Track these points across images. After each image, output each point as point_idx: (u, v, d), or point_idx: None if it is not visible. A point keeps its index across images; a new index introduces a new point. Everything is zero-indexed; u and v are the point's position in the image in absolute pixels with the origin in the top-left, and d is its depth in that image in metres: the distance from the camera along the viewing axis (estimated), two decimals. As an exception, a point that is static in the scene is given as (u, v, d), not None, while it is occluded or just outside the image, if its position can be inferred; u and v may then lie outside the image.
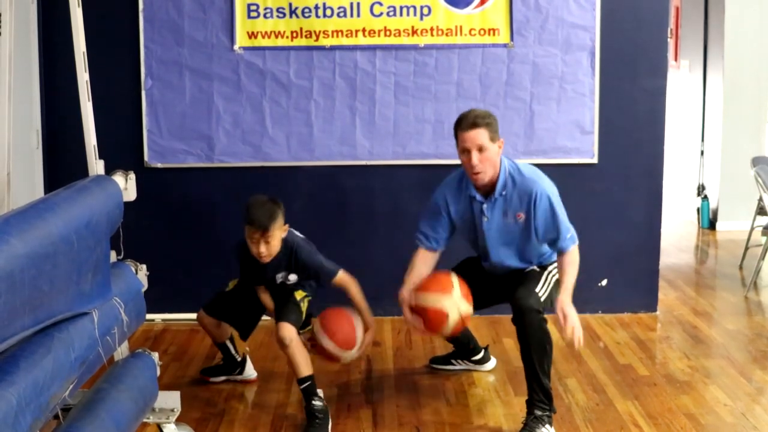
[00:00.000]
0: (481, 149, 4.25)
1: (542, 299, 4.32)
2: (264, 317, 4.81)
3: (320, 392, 4.49)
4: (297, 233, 4.61)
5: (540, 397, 4.26)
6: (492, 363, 5.12)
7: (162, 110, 5.86)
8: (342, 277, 4.55)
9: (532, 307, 4.24)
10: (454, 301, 4.24)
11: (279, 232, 4.39)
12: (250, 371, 4.97)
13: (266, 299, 4.67)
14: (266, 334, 5.56)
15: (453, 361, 5.11)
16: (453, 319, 4.24)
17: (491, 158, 4.28)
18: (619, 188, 6.04)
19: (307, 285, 4.67)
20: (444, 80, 5.86)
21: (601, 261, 6.06)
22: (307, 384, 4.40)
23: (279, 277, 4.56)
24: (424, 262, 4.54)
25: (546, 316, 4.30)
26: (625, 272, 6.12)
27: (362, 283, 5.91)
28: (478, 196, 4.42)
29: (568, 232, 4.36)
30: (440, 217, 4.52)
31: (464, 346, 5.04)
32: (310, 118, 5.89)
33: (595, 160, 5.95)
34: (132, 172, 4.12)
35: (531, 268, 4.48)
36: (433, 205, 4.56)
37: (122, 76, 5.84)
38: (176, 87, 5.85)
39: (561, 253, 4.37)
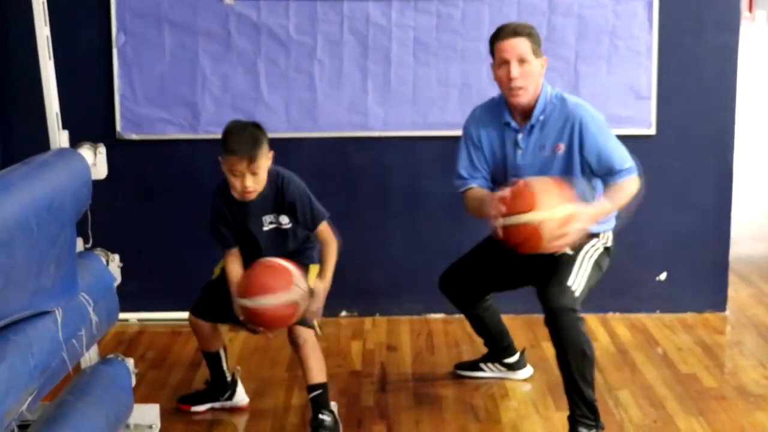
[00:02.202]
0: (522, 61, 4.32)
1: (577, 294, 4.30)
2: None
3: (334, 405, 4.50)
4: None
5: (583, 412, 4.26)
6: (528, 371, 5.13)
7: (137, 72, 5.86)
8: (326, 228, 4.50)
9: (566, 306, 4.23)
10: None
11: (265, 160, 4.35)
12: (242, 396, 4.83)
13: (234, 269, 4.47)
14: (260, 336, 5.58)
15: (482, 366, 5.13)
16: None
17: (533, 74, 4.35)
18: (682, 165, 6.02)
19: (313, 246, 4.61)
20: (472, 36, 5.84)
21: (659, 251, 6.05)
22: (318, 393, 4.41)
23: (267, 220, 4.47)
24: (481, 193, 4.53)
25: (585, 315, 4.29)
26: (689, 264, 6.11)
27: (376, 275, 5.96)
28: (513, 123, 4.45)
29: (626, 162, 4.38)
30: (478, 150, 4.56)
31: (497, 342, 5.05)
32: (313, 82, 5.89)
33: (652, 131, 5.94)
34: (102, 144, 4.13)
35: (563, 251, 4.44)
36: (466, 137, 4.61)
37: (90, 31, 5.85)
38: (154, 44, 5.85)
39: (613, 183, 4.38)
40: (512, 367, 5.10)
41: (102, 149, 4.09)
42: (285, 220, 4.48)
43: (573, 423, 4.28)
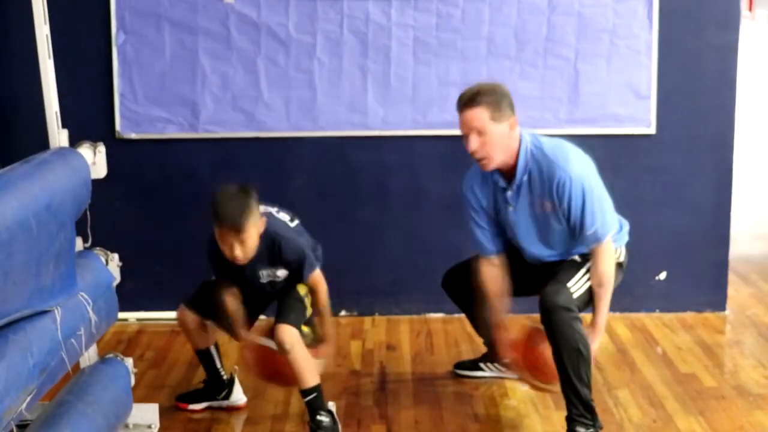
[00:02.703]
0: (480, 133, 4.25)
1: (575, 295, 4.31)
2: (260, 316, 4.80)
3: (331, 405, 4.50)
4: (278, 213, 4.52)
5: (580, 411, 4.27)
6: None
7: (137, 70, 5.86)
8: (317, 276, 4.50)
9: (560, 305, 4.23)
10: None
11: (255, 229, 4.26)
12: (239, 395, 4.83)
13: (232, 304, 4.51)
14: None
15: (482, 365, 5.13)
16: None
17: (496, 142, 4.26)
18: (682, 164, 6.02)
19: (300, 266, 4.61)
20: (472, 35, 5.84)
21: (659, 250, 6.05)
22: (312, 396, 4.40)
23: (264, 275, 4.48)
24: (489, 276, 4.61)
25: (585, 315, 4.29)
26: (688, 264, 6.11)
27: (375, 275, 5.95)
28: (501, 182, 4.43)
29: (594, 224, 4.31)
30: (479, 211, 4.56)
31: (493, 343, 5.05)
32: (312, 80, 5.89)
33: (652, 131, 5.93)
34: (101, 143, 4.13)
35: (571, 258, 4.46)
36: (466, 202, 4.60)
37: (89, 30, 5.84)
38: (154, 43, 5.84)
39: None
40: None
41: (101, 148, 4.10)
42: (282, 273, 4.49)
43: (570, 422, 4.28)
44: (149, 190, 5.99)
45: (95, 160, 4.02)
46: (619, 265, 4.52)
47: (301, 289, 4.53)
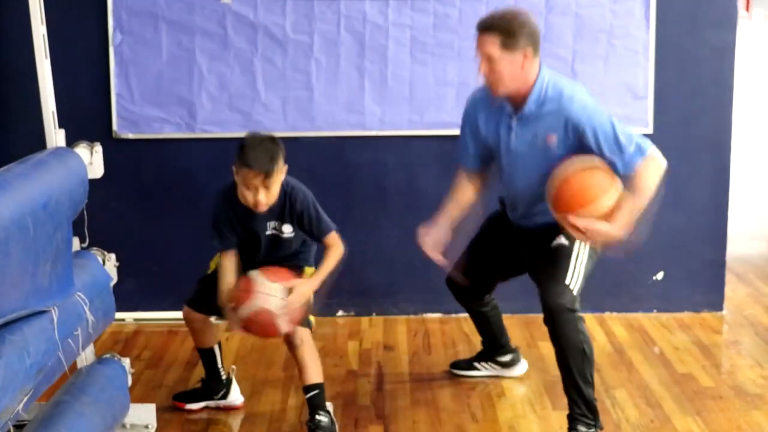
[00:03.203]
0: (489, 59, 4.22)
1: (575, 292, 4.31)
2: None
3: (330, 406, 4.50)
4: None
5: (582, 411, 4.27)
6: (523, 366, 5.15)
7: (134, 70, 5.86)
8: (335, 237, 4.51)
9: (564, 306, 4.23)
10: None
11: (280, 176, 4.30)
12: (236, 395, 4.84)
13: (229, 270, 4.45)
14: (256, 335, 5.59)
15: (477, 365, 5.13)
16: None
17: (505, 70, 4.21)
18: (679, 164, 5.99)
19: (308, 249, 4.63)
20: (469, 35, 5.78)
21: (656, 250, 6.05)
22: (314, 393, 4.42)
23: (270, 226, 4.46)
24: (461, 186, 4.63)
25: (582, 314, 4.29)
26: (685, 264, 6.12)
27: (373, 275, 5.96)
28: (508, 107, 4.40)
29: (631, 144, 4.23)
30: (473, 133, 4.56)
31: (496, 341, 5.07)
32: (310, 80, 5.89)
33: (649, 130, 5.93)
34: (98, 143, 4.13)
35: (558, 242, 4.44)
36: (464, 115, 4.62)
37: (86, 29, 5.84)
38: (151, 43, 5.84)
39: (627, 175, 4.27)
40: (506, 365, 5.11)
41: (98, 148, 4.10)
42: (288, 230, 4.47)
43: (572, 421, 4.29)
44: (146, 190, 5.99)
45: (92, 160, 4.02)
46: None
47: (308, 273, 4.52)
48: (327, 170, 5.97)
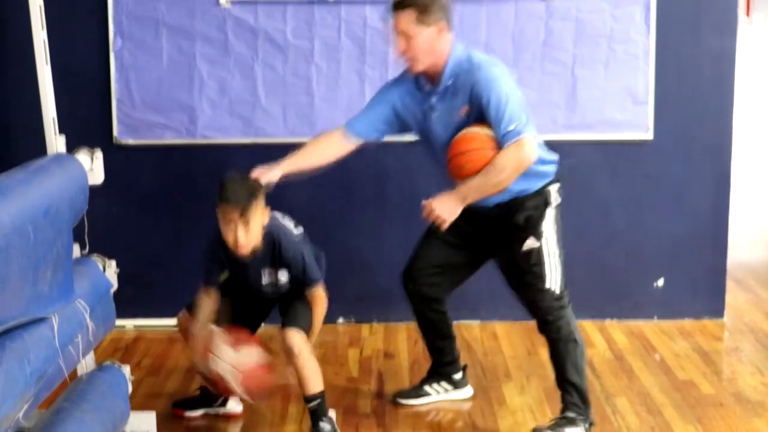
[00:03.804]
0: (406, 35, 4.28)
1: (558, 289, 4.40)
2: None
3: (332, 413, 4.50)
4: (282, 219, 4.53)
5: (574, 399, 4.38)
6: (469, 390, 5.02)
7: (134, 76, 5.86)
8: (320, 290, 4.50)
9: (552, 308, 4.39)
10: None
11: (259, 215, 4.29)
12: (235, 403, 4.83)
13: (205, 308, 4.48)
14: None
15: (427, 389, 4.96)
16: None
17: (422, 44, 4.28)
18: (679, 169, 6.03)
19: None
20: (470, 40, 5.80)
21: (656, 256, 6.05)
22: (316, 402, 4.42)
23: (265, 275, 4.48)
24: (327, 143, 4.67)
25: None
26: (686, 270, 6.11)
27: (372, 281, 5.95)
28: (427, 86, 4.44)
29: (512, 123, 4.20)
30: (382, 104, 4.57)
31: (448, 353, 4.95)
32: (310, 86, 5.89)
33: (650, 136, 5.93)
34: (99, 149, 4.13)
35: (529, 246, 4.41)
36: (380, 91, 4.64)
37: (86, 35, 5.84)
38: (151, 48, 5.85)
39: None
40: (458, 385, 4.98)
41: (99, 154, 4.10)
42: (284, 277, 4.47)
43: (564, 407, 4.38)
44: (147, 196, 5.99)
45: (93, 166, 4.02)
46: (559, 205, 4.53)
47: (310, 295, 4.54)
48: (327, 176, 5.93)
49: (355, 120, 4.63)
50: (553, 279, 4.40)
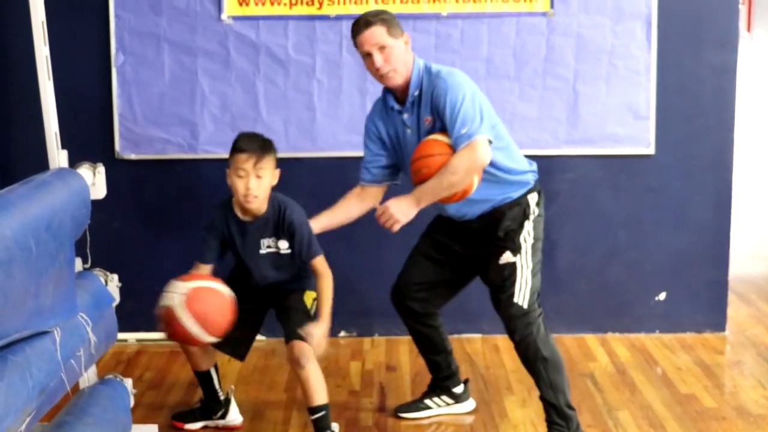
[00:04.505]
0: (381, 48, 4.34)
1: (526, 304, 4.41)
2: (259, 337, 4.80)
3: (335, 427, 4.50)
4: None
5: (552, 418, 4.42)
6: (471, 404, 5.04)
7: (136, 91, 5.87)
8: (322, 261, 4.55)
9: (516, 319, 4.40)
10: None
11: (271, 171, 4.43)
12: (235, 415, 4.83)
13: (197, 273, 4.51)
14: (261, 356, 5.59)
15: (428, 403, 4.98)
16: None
17: (397, 56, 4.36)
18: (681, 184, 6.03)
19: (309, 273, 4.63)
20: (471, 55, 5.85)
21: (658, 271, 6.05)
22: (321, 414, 4.43)
23: (265, 243, 4.51)
24: (349, 201, 4.78)
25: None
26: (688, 284, 6.11)
27: (375, 295, 5.95)
28: (396, 105, 4.49)
29: (464, 127, 4.23)
30: (374, 140, 4.63)
31: (446, 367, 4.96)
32: (311, 101, 5.90)
33: (651, 151, 5.94)
34: (101, 164, 4.14)
35: (506, 260, 4.43)
36: (365, 131, 4.68)
37: (89, 50, 5.86)
38: (153, 63, 5.86)
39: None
40: (459, 398, 4.99)
41: (101, 169, 4.11)
42: (284, 245, 4.51)
43: (548, 426, 4.43)
44: (149, 211, 6.00)
45: (95, 181, 4.03)
46: (539, 216, 4.51)
47: (308, 300, 4.55)
48: (329, 191, 5.93)
49: (362, 172, 4.72)
50: (522, 294, 4.41)
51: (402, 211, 4.37)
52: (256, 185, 4.35)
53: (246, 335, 4.68)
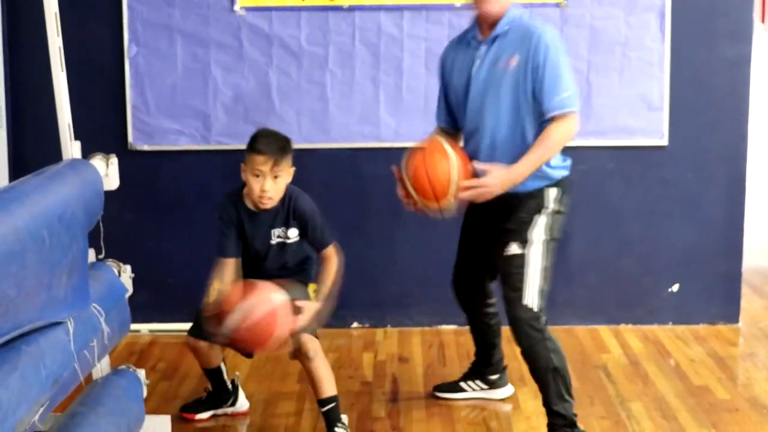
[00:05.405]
0: None
1: (537, 307, 4.31)
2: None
3: (345, 418, 4.51)
4: None
5: (560, 424, 4.37)
6: (509, 389, 5.07)
7: (149, 82, 5.88)
8: (334, 249, 4.54)
9: (526, 323, 4.30)
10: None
11: (288, 170, 4.42)
12: (242, 400, 4.86)
13: (227, 277, 4.43)
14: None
15: (463, 386, 5.04)
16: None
17: None
18: (694, 176, 6.02)
19: (311, 266, 4.63)
20: (484, 46, 5.84)
21: (671, 262, 6.04)
22: (331, 406, 4.43)
23: (275, 234, 4.51)
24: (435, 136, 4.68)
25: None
26: (701, 276, 6.11)
27: (387, 286, 5.96)
28: (478, 36, 4.45)
29: (562, 92, 4.26)
30: (440, 80, 4.68)
31: (491, 355, 5.01)
32: (324, 92, 5.90)
33: (665, 143, 5.93)
34: (114, 155, 4.15)
35: (511, 251, 4.36)
36: (438, 70, 4.73)
37: (102, 42, 5.87)
38: (166, 55, 5.87)
39: (547, 121, 4.28)
40: (494, 385, 5.03)
41: (114, 160, 4.11)
42: (293, 234, 4.51)
43: (551, 429, 4.40)
44: (162, 202, 6.01)
45: (108, 172, 4.04)
46: (558, 213, 4.43)
47: (310, 290, 4.54)
48: (342, 182, 5.98)
49: (437, 115, 4.83)
50: (531, 294, 4.31)
51: (499, 187, 4.23)
52: (272, 186, 4.35)
53: None
